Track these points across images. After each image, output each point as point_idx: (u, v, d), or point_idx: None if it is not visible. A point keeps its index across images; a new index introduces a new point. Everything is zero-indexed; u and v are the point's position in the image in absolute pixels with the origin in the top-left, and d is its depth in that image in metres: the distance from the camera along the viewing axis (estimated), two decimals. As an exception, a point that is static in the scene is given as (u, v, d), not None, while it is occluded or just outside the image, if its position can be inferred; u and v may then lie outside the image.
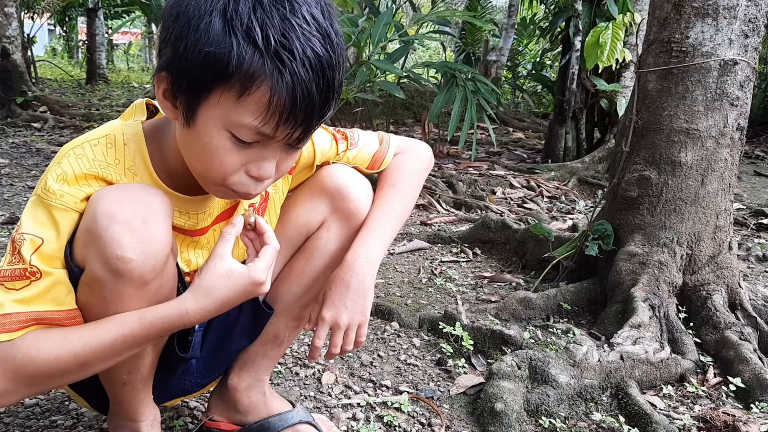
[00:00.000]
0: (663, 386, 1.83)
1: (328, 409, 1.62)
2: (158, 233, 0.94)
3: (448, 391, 1.77)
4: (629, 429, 1.60)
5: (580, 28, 5.15)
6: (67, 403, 1.52)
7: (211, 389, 1.43)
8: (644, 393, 1.78)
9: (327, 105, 0.90)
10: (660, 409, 1.72)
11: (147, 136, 1.04)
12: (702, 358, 1.97)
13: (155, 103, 1.09)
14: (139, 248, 0.92)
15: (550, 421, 1.61)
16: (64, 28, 14.15)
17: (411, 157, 1.33)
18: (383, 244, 1.22)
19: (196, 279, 0.99)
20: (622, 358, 1.82)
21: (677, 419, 1.68)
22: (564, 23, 5.56)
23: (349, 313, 1.18)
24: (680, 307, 2.17)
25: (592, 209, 2.69)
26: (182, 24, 0.86)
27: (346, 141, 1.28)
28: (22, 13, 7.79)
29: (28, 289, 0.92)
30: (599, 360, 1.80)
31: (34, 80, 7.59)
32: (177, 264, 1.08)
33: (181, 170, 1.02)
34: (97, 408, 1.28)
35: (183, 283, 1.11)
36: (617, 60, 3.38)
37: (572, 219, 3.74)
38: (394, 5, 5.06)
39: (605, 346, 1.88)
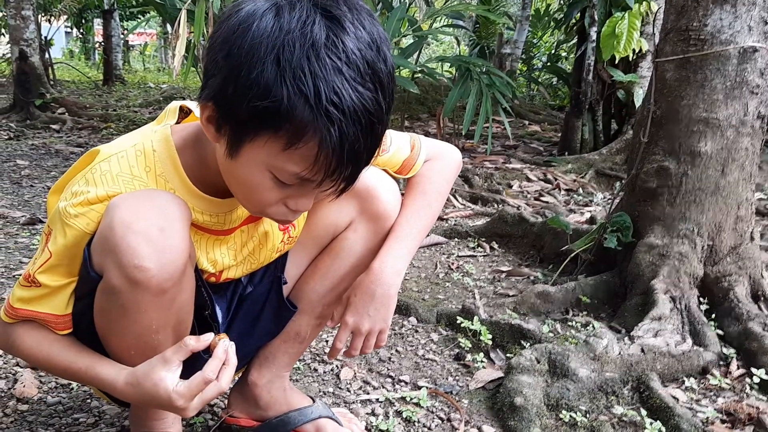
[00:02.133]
0: (685, 379, 1.81)
1: (347, 405, 1.62)
2: (175, 241, 0.94)
3: (467, 385, 1.77)
4: (651, 422, 1.58)
5: (596, 18, 5.09)
6: (89, 401, 1.54)
7: (231, 385, 1.44)
8: (666, 386, 1.77)
9: (373, 155, 0.90)
10: (682, 402, 1.70)
11: (178, 140, 1.03)
12: (725, 350, 1.94)
13: (189, 105, 1.09)
14: (156, 257, 0.92)
15: (570, 415, 1.59)
16: (81, 30, 14.28)
17: (441, 165, 1.32)
18: (409, 254, 1.23)
19: (142, 364, 0.99)
20: (643, 350, 1.80)
21: (700, 412, 1.66)
22: (579, 14, 5.50)
23: (372, 321, 1.20)
24: (702, 299, 2.14)
25: (610, 201, 2.67)
26: (233, 64, 0.84)
27: None
28: (39, 16, 7.87)
29: (30, 292, 1.02)
30: (620, 353, 1.79)
31: (52, 82, 7.66)
32: (197, 268, 1.08)
33: (214, 177, 1.02)
34: (119, 403, 1.29)
35: (205, 287, 1.11)
36: (634, 50, 3.34)
37: (590, 211, 3.71)
38: (407, 0, 5.05)
39: (626, 339, 1.86)
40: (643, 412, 1.63)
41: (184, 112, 1.10)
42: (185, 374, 1.17)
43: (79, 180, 0.99)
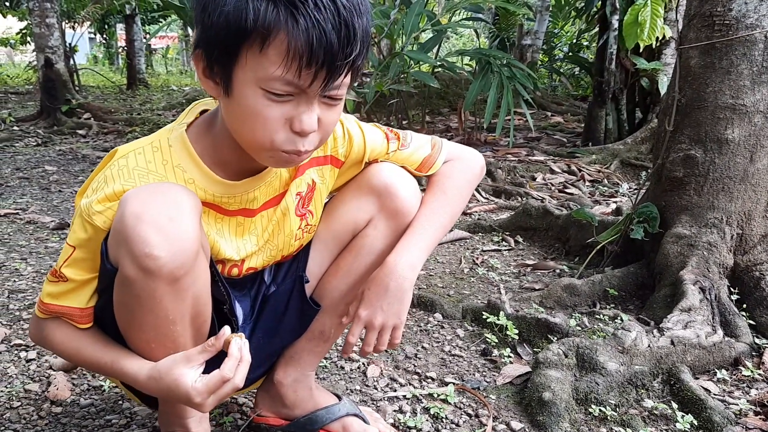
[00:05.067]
0: (717, 371, 1.78)
1: (375, 402, 1.62)
2: (185, 230, 0.96)
3: (494, 381, 1.76)
4: (683, 415, 1.56)
5: (617, 6, 5.02)
6: (120, 402, 1.56)
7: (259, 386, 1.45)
8: (697, 378, 1.74)
9: (349, 46, 0.90)
10: (714, 394, 1.68)
11: (193, 133, 1.08)
12: (757, 340, 1.91)
13: (208, 106, 1.12)
14: (166, 245, 0.93)
15: (600, 410, 1.58)
16: (104, 36, 14.45)
17: (463, 166, 1.32)
18: (426, 250, 1.22)
19: (165, 359, 1.02)
20: (672, 343, 1.78)
21: (733, 404, 1.64)
22: (600, 2, 5.43)
23: (385, 315, 1.19)
24: (732, 289, 2.11)
25: (636, 192, 2.63)
26: (203, 3, 0.91)
27: (398, 141, 1.29)
28: (63, 24, 7.98)
29: (57, 287, 1.08)
30: (649, 346, 1.77)
31: (77, 88, 7.78)
32: (213, 264, 1.10)
33: (229, 155, 1.06)
34: (148, 403, 1.31)
35: (222, 281, 1.12)
36: (657, 38, 3.29)
37: (616, 202, 3.67)
38: (425, -5, 5.03)
39: (655, 331, 1.84)
40: (674, 405, 1.61)
41: (202, 114, 1.12)
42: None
43: (99, 177, 1.04)
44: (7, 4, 11.97)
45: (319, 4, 0.86)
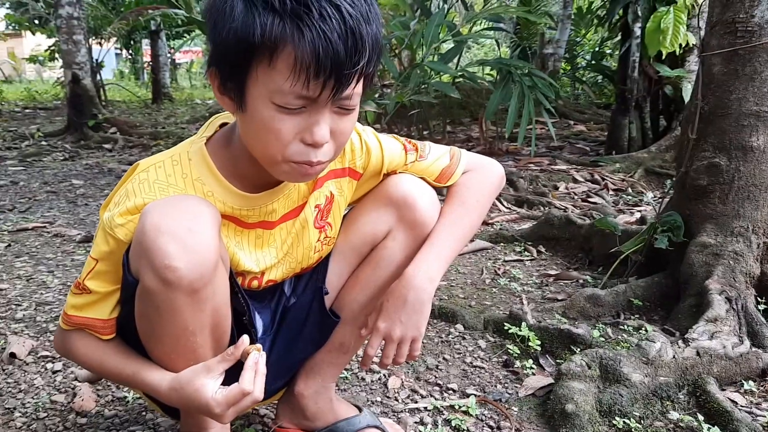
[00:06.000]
0: (743, 382, 1.75)
1: (395, 414, 1.62)
2: (204, 241, 0.97)
3: (517, 393, 1.74)
4: (709, 428, 1.53)
5: (639, 14, 4.99)
6: (144, 413, 1.58)
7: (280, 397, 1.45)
8: (724, 390, 1.71)
9: (357, 55, 0.90)
10: (741, 406, 1.65)
11: (212, 146, 1.09)
12: (786, 351, 1.87)
13: (228, 120, 1.13)
14: (186, 257, 0.95)
15: (624, 422, 1.56)
16: (130, 51, 14.73)
17: (482, 176, 1.31)
18: (445, 262, 1.22)
19: (186, 370, 1.04)
20: (698, 354, 1.75)
21: (760, 416, 1.61)
22: (622, 10, 5.40)
23: (403, 327, 1.19)
24: (759, 299, 2.07)
25: (660, 201, 2.60)
26: (212, 17, 0.93)
27: (416, 152, 1.28)
28: (90, 40, 8.15)
29: (81, 299, 1.10)
30: (674, 357, 1.74)
31: (103, 103, 7.93)
32: (233, 275, 1.11)
33: (247, 168, 1.07)
34: (171, 414, 1.32)
35: (241, 292, 1.14)
36: (680, 45, 3.26)
37: (640, 211, 3.63)
38: (445, 5, 5.04)
39: (680, 342, 1.81)
40: (700, 417, 1.58)
41: (222, 127, 1.14)
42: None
43: (120, 191, 1.05)
44: (37, 22, 12.26)
45: (324, 14, 0.86)
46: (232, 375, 1.02)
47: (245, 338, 1.02)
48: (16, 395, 1.63)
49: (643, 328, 2.03)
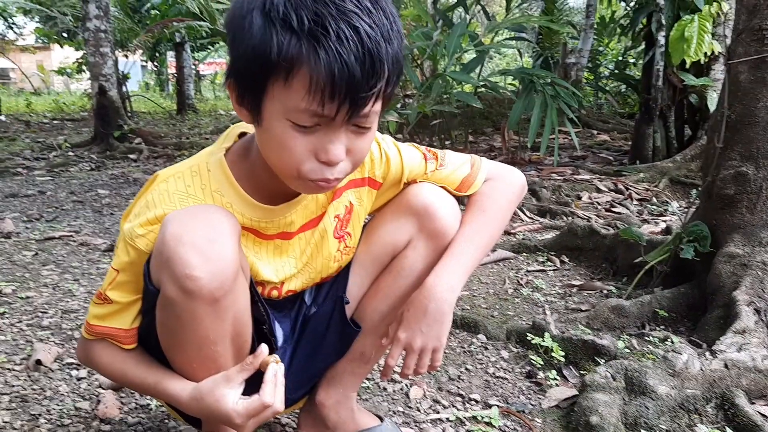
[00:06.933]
0: (774, 396, 1.71)
1: (417, 425, 1.61)
2: (225, 251, 0.97)
3: (540, 404, 1.72)
4: (738, 442, 1.50)
5: (663, 23, 4.95)
6: (166, 421, 1.58)
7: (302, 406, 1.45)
8: (753, 403, 1.67)
9: (374, 77, 0.89)
10: (772, 421, 1.61)
11: (231, 158, 1.09)
12: (817, 364, 1.82)
13: (247, 130, 1.14)
14: (206, 267, 0.95)
15: (650, 435, 1.53)
16: (155, 63, 14.94)
17: (503, 185, 1.30)
18: (466, 271, 1.21)
19: (206, 380, 1.04)
20: (726, 366, 1.71)
21: (792, 431, 1.57)
22: (645, 19, 5.36)
23: (424, 338, 1.18)
24: (789, 311, 2.02)
25: (686, 210, 2.57)
26: (232, 30, 0.93)
27: (436, 161, 1.27)
28: (117, 52, 8.29)
29: (103, 309, 1.11)
30: (701, 369, 1.71)
31: (129, 114, 8.05)
32: (253, 284, 1.11)
33: (266, 180, 1.07)
34: (193, 423, 1.33)
35: (261, 301, 1.14)
36: (705, 53, 3.22)
37: (665, 221, 3.58)
38: (467, 16, 5.05)
39: (707, 353, 1.78)
40: (729, 431, 1.55)
41: (241, 136, 1.14)
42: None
43: (140, 202, 1.06)
44: (65, 35, 12.51)
45: (342, 36, 0.85)
46: (251, 382, 1.02)
47: (264, 347, 1.03)
48: (41, 402, 1.65)
49: (669, 340, 2.00)
